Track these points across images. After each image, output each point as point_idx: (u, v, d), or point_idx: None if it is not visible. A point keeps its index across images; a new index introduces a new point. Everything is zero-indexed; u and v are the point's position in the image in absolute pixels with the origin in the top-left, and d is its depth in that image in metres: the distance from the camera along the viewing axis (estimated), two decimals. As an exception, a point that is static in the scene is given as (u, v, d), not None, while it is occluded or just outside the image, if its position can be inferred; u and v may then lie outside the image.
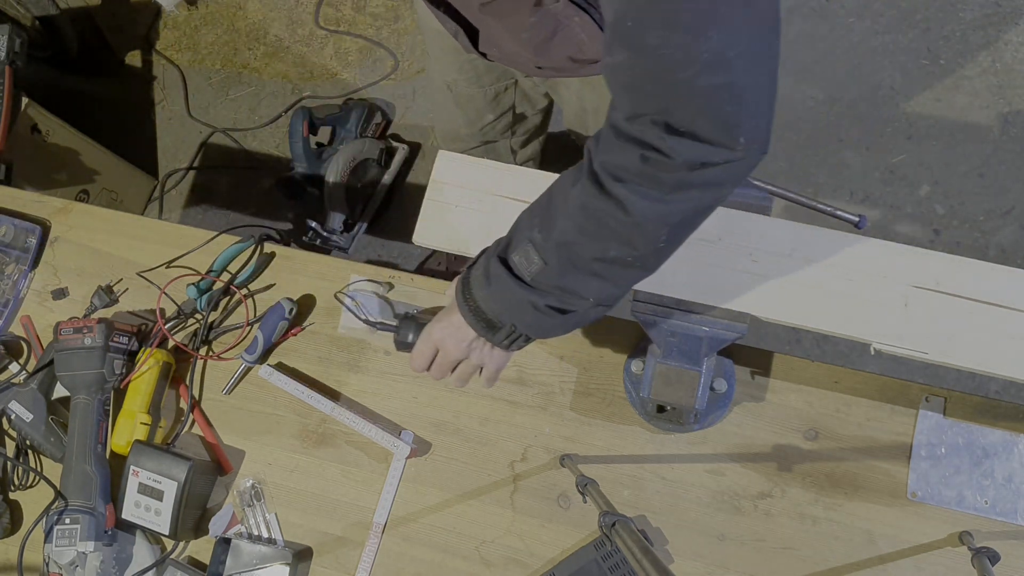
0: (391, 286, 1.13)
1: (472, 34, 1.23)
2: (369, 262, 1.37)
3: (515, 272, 0.90)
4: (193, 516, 1.27)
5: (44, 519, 1.24)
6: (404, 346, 1.13)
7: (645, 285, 1.11)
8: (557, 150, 2.03)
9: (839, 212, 1.18)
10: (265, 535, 1.27)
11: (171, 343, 1.35)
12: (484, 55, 1.28)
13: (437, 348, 1.03)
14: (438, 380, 1.07)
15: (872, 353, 1.08)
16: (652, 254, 0.86)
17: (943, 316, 1.06)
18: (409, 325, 1.13)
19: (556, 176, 0.92)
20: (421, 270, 2.37)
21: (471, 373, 1.05)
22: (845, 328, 1.07)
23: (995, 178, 2.27)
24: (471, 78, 1.53)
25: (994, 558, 1.03)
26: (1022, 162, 2.27)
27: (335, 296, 1.26)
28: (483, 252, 0.97)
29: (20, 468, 1.34)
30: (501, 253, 0.92)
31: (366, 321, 1.19)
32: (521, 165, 1.84)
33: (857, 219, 1.18)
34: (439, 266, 2.36)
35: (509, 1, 1.05)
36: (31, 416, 1.31)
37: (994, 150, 2.29)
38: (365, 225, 2.44)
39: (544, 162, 1.97)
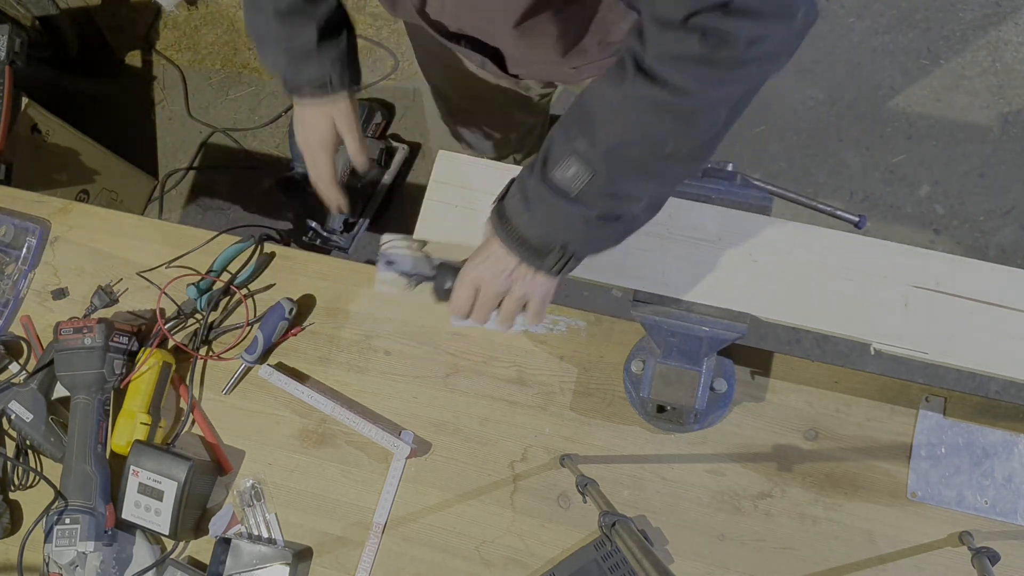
0: (425, 242, 1.10)
1: (497, 59, 1.22)
2: (369, 262, 1.37)
3: (559, 188, 0.87)
4: (193, 516, 1.27)
5: (44, 519, 1.24)
6: (444, 294, 1.05)
7: (644, 285, 1.11)
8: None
9: (839, 212, 1.18)
10: (265, 535, 1.27)
11: (171, 343, 1.35)
12: (516, 76, 1.28)
13: (477, 287, 0.98)
14: (483, 324, 1.02)
15: (872, 353, 1.08)
16: (708, 142, 0.87)
17: (943, 316, 1.06)
18: (447, 272, 1.05)
19: None
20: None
21: (516, 310, 1.00)
22: (845, 328, 1.07)
23: (995, 178, 2.27)
24: (474, 100, 1.52)
25: (994, 558, 1.03)
26: (1022, 162, 2.27)
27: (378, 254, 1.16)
28: (512, 181, 0.94)
29: (20, 468, 1.34)
30: (539, 172, 0.89)
31: (404, 273, 1.10)
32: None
33: (857, 219, 1.18)
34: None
35: (544, 11, 1.04)
36: (31, 416, 1.31)
37: (994, 150, 2.29)
38: (365, 225, 2.44)
39: None
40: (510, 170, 1.21)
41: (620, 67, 0.85)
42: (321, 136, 1.17)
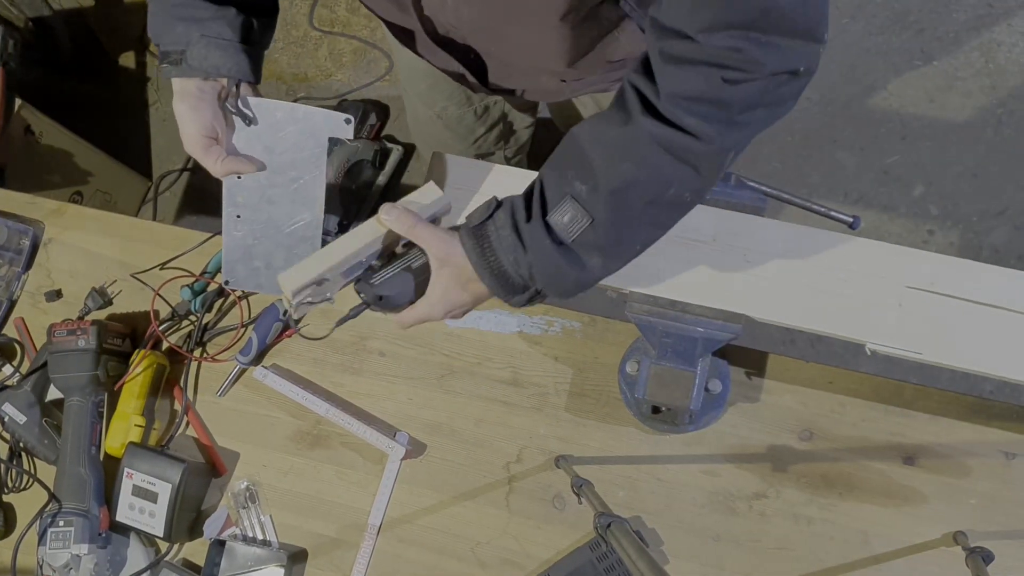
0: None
1: (478, 72, 1.19)
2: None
3: (554, 234, 0.85)
4: (188, 518, 1.26)
5: (38, 522, 1.23)
6: (389, 307, 0.99)
7: (640, 286, 1.11)
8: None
9: (833, 213, 1.18)
10: (260, 537, 1.27)
11: (165, 345, 1.35)
12: (492, 91, 1.24)
13: (442, 315, 0.97)
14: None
15: (867, 354, 1.08)
16: (708, 188, 0.85)
17: (937, 316, 1.06)
18: (383, 288, 0.98)
19: None
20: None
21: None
22: (839, 328, 1.07)
23: (988, 179, 2.28)
24: (460, 100, 1.52)
25: (988, 558, 1.03)
26: (1015, 163, 2.28)
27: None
28: (495, 206, 0.91)
29: (13, 470, 1.33)
30: (538, 213, 0.86)
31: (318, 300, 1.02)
32: None
33: (851, 220, 1.18)
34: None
35: (551, 10, 0.98)
36: (24, 418, 1.30)
37: (987, 151, 2.30)
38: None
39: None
40: (506, 171, 1.21)
41: (621, 106, 0.83)
42: (179, 122, 1.05)
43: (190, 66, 1.02)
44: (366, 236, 0.99)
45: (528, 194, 0.89)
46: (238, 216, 1.12)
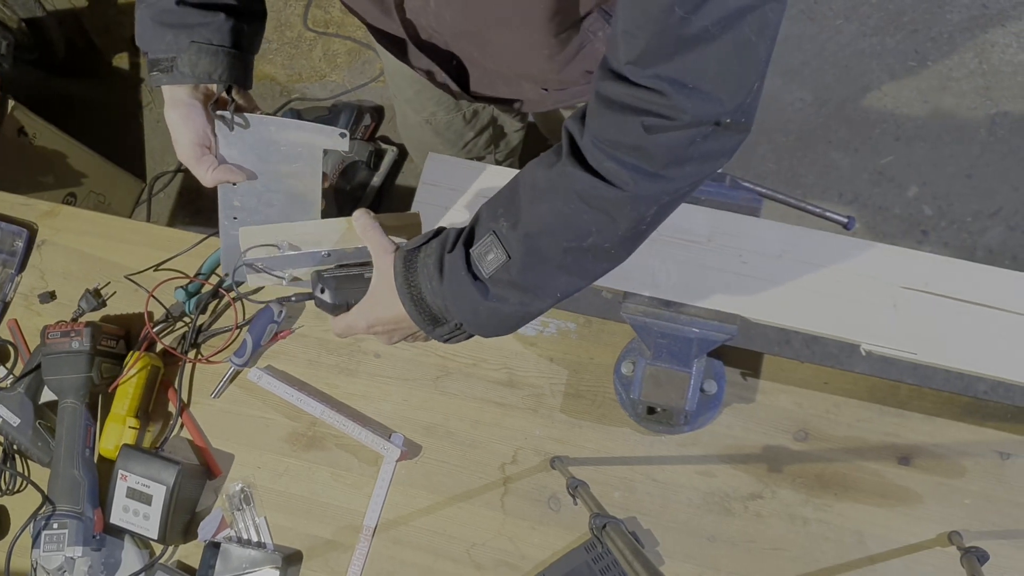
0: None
1: (461, 80, 1.18)
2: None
3: (472, 267, 0.84)
4: (182, 520, 1.26)
5: (32, 524, 1.23)
6: (326, 307, 1.03)
7: (636, 286, 1.11)
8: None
9: (828, 213, 1.18)
10: (255, 539, 1.26)
11: (159, 346, 1.35)
12: (475, 98, 1.23)
13: (366, 333, 0.98)
14: None
15: (862, 354, 1.08)
16: (631, 239, 0.83)
17: (932, 317, 1.07)
18: (328, 283, 1.02)
19: None
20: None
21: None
22: (834, 329, 1.08)
23: (982, 179, 2.29)
24: (449, 106, 1.52)
25: (983, 558, 1.03)
26: (1009, 163, 2.29)
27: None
28: (434, 234, 0.90)
29: (7, 473, 1.33)
30: (462, 244, 0.86)
31: (272, 274, 1.05)
32: None
33: (846, 220, 1.19)
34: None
35: (534, 17, 0.98)
36: (18, 420, 1.30)
37: (981, 151, 2.31)
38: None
39: None
40: (500, 172, 1.21)
41: (558, 147, 0.82)
42: (172, 130, 1.07)
43: (181, 73, 1.01)
44: (333, 228, 1.02)
45: (463, 227, 0.88)
46: (235, 218, 1.12)
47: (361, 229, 0.98)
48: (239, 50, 1.04)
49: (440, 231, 0.91)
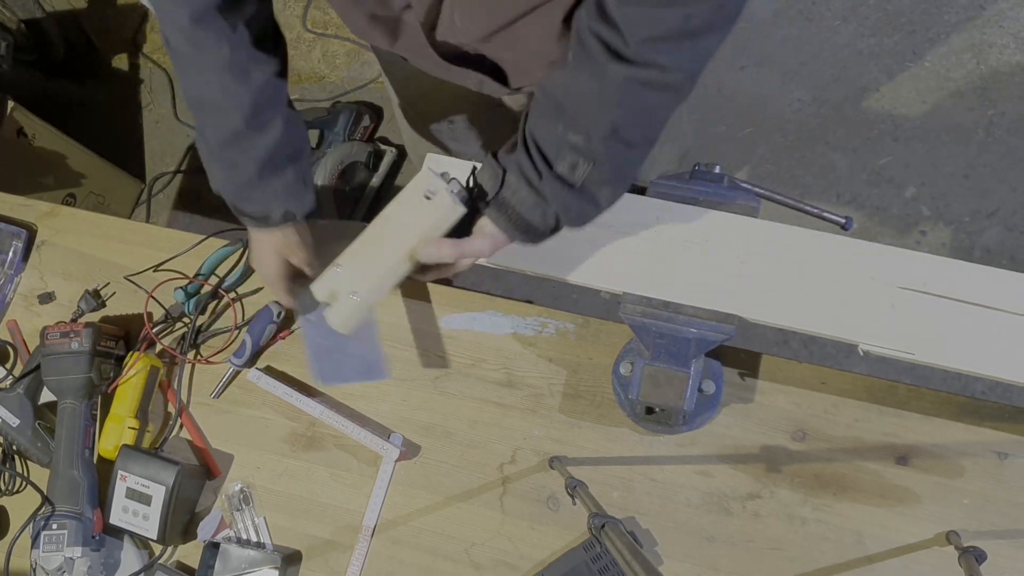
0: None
1: (498, 76, 1.19)
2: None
3: (567, 181, 0.91)
4: (181, 520, 1.26)
5: (31, 525, 1.23)
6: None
7: (633, 287, 1.11)
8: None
9: (826, 214, 1.19)
10: (254, 539, 1.27)
11: (159, 347, 1.35)
12: (515, 91, 1.25)
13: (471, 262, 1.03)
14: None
15: (860, 354, 1.08)
16: (686, 97, 0.91)
17: (930, 317, 1.07)
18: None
19: None
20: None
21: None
22: (832, 329, 1.08)
23: (980, 179, 2.29)
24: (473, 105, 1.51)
25: (981, 557, 1.03)
26: (1007, 164, 2.29)
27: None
28: (503, 173, 0.95)
29: (7, 473, 1.33)
30: (544, 169, 0.91)
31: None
32: None
33: (844, 221, 1.19)
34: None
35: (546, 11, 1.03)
36: (18, 421, 1.30)
37: (979, 152, 2.31)
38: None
39: None
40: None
41: (586, 56, 0.86)
42: (268, 266, 1.11)
43: (275, 224, 1.07)
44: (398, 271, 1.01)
45: (528, 151, 0.93)
46: (310, 319, 1.13)
47: (453, 257, 0.99)
48: (305, 186, 1.10)
49: (500, 169, 0.95)
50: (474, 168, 1.01)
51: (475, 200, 0.99)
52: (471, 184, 1.00)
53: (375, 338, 1.19)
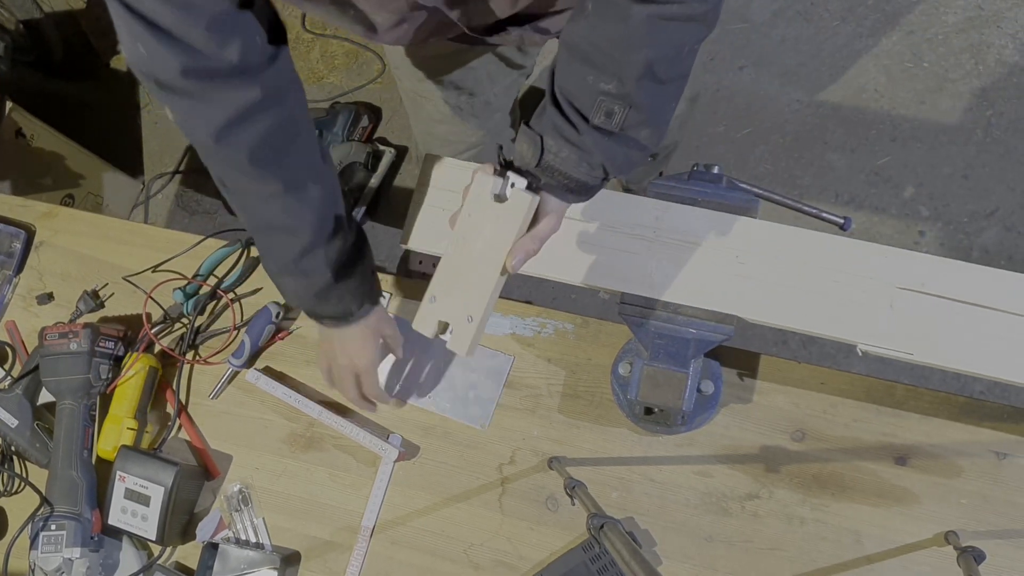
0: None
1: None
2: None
3: (605, 130, 0.90)
4: (180, 521, 1.26)
5: (30, 525, 1.23)
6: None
7: (632, 287, 1.11)
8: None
9: (824, 214, 1.19)
10: (253, 540, 1.27)
11: (157, 348, 1.35)
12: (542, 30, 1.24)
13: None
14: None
15: (859, 355, 1.08)
16: (713, 27, 0.91)
17: (928, 317, 1.07)
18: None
19: None
20: (405, 272, 2.36)
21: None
22: (831, 329, 1.08)
23: (978, 180, 2.29)
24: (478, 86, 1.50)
25: (979, 557, 1.04)
26: (1005, 164, 2.29)
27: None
28: (540, 139, 0.94)
29: (5, 474, 1.33)
30: (581, 123, 0.91)
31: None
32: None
33: (842, 221, 1.19)
34: (419, 265, 2.35)
35: None
36: (16, 422, 1.30)
37: (977, 152, 2.31)
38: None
39: None
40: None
41: (605, 2, 0.86)
42: (364, 356, 1.17)
43: (356, 319, 1.14)
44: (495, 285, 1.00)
45: (560, 110, 0.92)
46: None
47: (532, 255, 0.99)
48: (374, 277, 1.18)
49: (538, 136, 0.94)
50: (500, 147, 1.00)
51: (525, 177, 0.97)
52: (503, 161, 0.99)
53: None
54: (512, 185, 0.95)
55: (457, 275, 0.99)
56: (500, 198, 0.95)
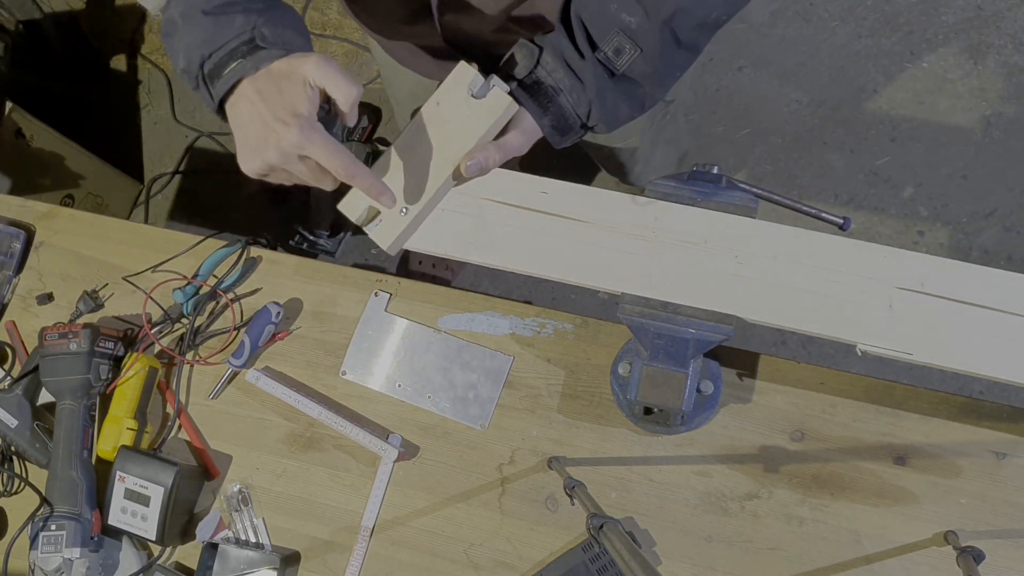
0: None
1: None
2: (356, 265, 1.37)
3: (608, 68, 0.87)
4: (180, 521, 1.26)
5: (29, 526, 1.23)
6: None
7: (631, 287, 1.11)
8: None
9: (824, 214, 1.19)
10: (253, 540, 1.27)
11: (157, 348, 1.35)
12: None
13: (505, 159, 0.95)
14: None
15: (858, 355, 1.08)
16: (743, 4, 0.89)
17: (928, 317, 1.07)
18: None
19: (539, 179, 0.91)
20: (405, 272, 2.37)
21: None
22: (830, 329, 1.08)
23: (978, 180, 2.29)
24: None
25: (979, 557, 1.04)
26: (1004, 164, 2.29)
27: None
28: (539, 51, 0.89)
29: (5, 474, 1.33)
30: (587, 49, 0.86)
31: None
32: None
33: (842, 221, 1.19)
34: (419, 265, 2.36)
35: None
36: (16, 422, 1.30)
37: (977, 152, 2.31)
38: (351, 229, 2.44)
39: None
40: (496, 174, 1.21)
41: None
42: (294, 101, 0.85)
43: (269, 41, 0.87)
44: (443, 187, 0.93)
45: (568, 32, 0.88)
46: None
47: (496, 164, 0.95)
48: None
49: (536, 47, 0.90)
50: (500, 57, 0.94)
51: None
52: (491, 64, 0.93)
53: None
54: (493, 87, 0.89)
55: (403, 163, 0.90)
56: (477, 96, 0.89)
